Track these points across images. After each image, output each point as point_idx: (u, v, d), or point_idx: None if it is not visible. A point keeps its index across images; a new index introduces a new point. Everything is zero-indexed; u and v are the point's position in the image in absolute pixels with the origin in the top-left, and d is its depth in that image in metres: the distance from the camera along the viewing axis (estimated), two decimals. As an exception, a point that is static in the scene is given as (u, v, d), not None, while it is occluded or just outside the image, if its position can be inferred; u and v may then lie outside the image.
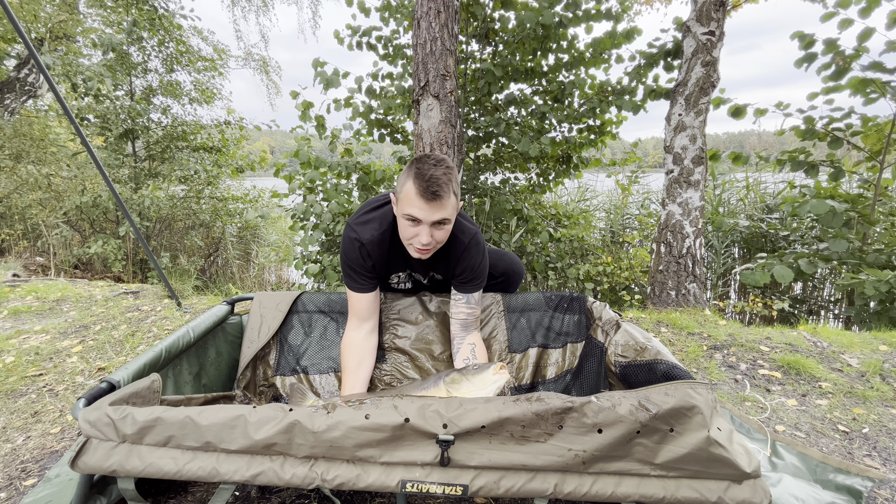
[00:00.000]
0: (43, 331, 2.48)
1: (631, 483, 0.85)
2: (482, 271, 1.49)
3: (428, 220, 1.26)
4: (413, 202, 1.25)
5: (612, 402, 0.84)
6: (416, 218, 1.26)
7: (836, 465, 1.32)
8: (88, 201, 5.24)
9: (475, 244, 1.46)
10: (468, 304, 1.51)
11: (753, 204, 5.53)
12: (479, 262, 1.47)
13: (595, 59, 3.74)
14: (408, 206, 1.26)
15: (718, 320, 2.71)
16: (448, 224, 1.31)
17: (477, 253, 1.46)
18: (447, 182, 1.24)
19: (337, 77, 3.54)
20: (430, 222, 1.27)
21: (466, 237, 1.45)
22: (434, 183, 1.21)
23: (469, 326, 1.52)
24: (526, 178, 4.64)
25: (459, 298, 1.51)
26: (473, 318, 1.53)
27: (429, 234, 1.28)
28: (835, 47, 3.11)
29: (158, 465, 0.87)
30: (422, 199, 1.23)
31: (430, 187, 1.21)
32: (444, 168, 1.25)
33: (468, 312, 1.51)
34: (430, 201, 1.23)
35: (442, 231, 1.31)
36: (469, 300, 1.51)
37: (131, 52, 5.43)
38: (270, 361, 1.63)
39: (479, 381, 1.18)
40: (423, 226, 1.27)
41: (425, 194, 1.22)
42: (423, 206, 1.24)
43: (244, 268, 6.80)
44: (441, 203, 1.24)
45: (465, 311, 1.51)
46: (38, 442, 1.48)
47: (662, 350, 1.17)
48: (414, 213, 1.26)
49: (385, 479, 0.85)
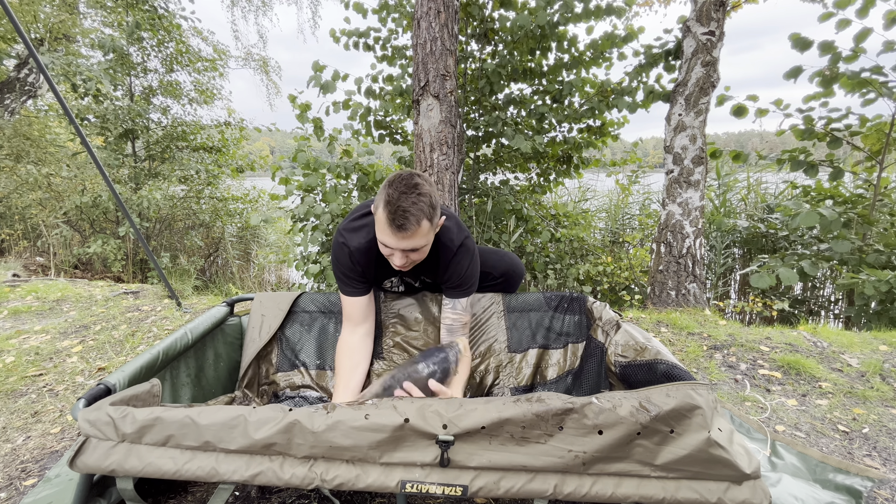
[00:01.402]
0: (43, 331, 2.49)
1: (631, 484, 0.85)
2: (469, 277, 1.47)
3: (397, 248, 1.22)
4: (383, 230, 1.21)
5: (612, 403, 0.84)
6: (386, 244, 1.24)
7: (836, 464, 1.32)
8: (88, 201, 5.24)
9: (464, 251, 1.43)
10: (454, 309, 1.50)
11: (754, 204, 5.53)
12: (467, 269, 1.44)
13: (595, 60, 3.73)
14: (379, 231, 1.23)
15: (718, 320, 2.71)
16: (423, 248, 1.27)
17: (464, 260, 1.43)
18: (417, 212, 1.17)
19: (334, 82, 3.54)
20: (400, 249, 1.23)
21: (455, 244, 1.42)
22: (401, 216, 1.16)
23: (455, 332, 1.51)
24: (526, 178, 4.64)
25: (447, 304, 1.51)
26: (460, 325, 1.51)
27: (402, 256, 1.25)
28: (832, 49, 3.11)
29: (157, 464, 0.87)
30: (390, 229, 1.18)
31: (395, 220, 1.16)
32: (415, 195, 1.17)
33: (454, 318, 1.50)
34: (396, 233, 1.18)
35: (417, 253, 1.27)
36: (455, 306, 1.49)
37: (131, 53, 5.43)
38: (272, 359, 1.63)
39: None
40: (395, 251, 1.24)
41: (392, 226, 1.17)
42: (391, 235, 1.19)
43: (244, 268, 6.80)
44: (409, 234, 1.19)
45: (451, 316, 1.50)
46: (38, 442, 1.48)
47: (662, 350, 1.17)
48: (384, 241, 1.23)
49: (384, 480, 0.85)
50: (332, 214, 3.41)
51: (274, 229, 7.31)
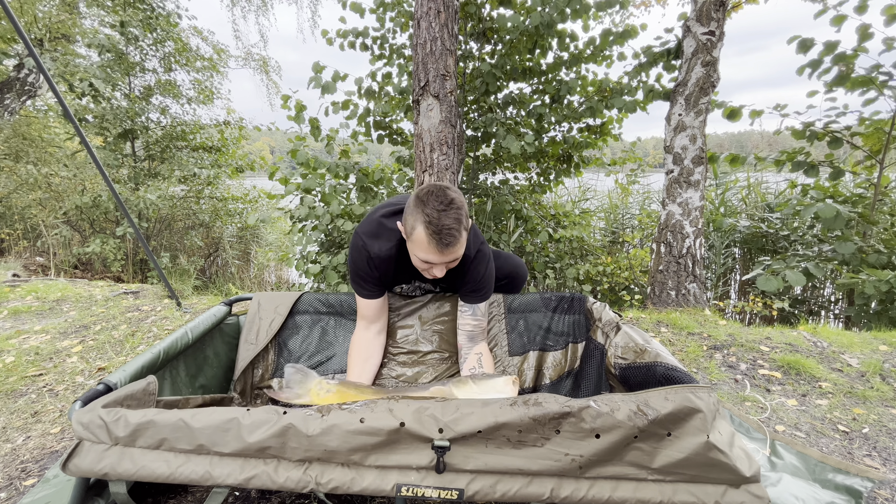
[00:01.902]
0: (43, 331, 2.49)
1: (628, 487, 0.84)
2: (487, 282, 1.48)
3: (442, 262, 1.24)
4: (425, 249, 1.21)
5: (610, 406, 0.84)
6: (429, 261, 1.24)
7: (836, 464, 1.31)
8: (88, 201, 5.25)
9: (481, 257, 1.44)
10: (474, 315, 1.50)
11: (754, 204, 5.52)
12: (484, 274, 1.46)
13: (594, 56, 3.72)
14: (419, 251, 1.23)
15: (718, 320, 2.71)
16: (459, 258, 1.29)
17: (481, 266, 1.44)
18: (458, 227, 1.19)
19: (334, 83, 3.53)
20: (444, 262, 1.25)
21: (472, 251, 1.43)
22: (447, 235, 1.17)
23: (476, 338, 1.52)
24: (526, 178, 4.63)
25: (466, 310, 1.51)
26: (480, 330, 1.52)
27: (443, 269, 1.27)
28: (835, 48, 3.10)
29: (151, 467, 0.86)
30: (435, 249, 1.19)
31: (442, 240, 1.17)
32: (454, 210, 1.18)
33: (474, 324, 1.51)
34: (443, 251, 1.19)
35: (456, 262, 1.30)
36: (475, 312, 1.50)
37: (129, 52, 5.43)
38: (269, 363, 1.62)
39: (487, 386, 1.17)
40: (436, 265, 1.25)
41: (439, 245, 1.18)
42: (437, 253, 1.20)
43: (244, 268, 6.80)
44: (454, 249, 1.20)
45: (471, 322, 1.51)
46: (37, 442, 1.48)
47: (662, 352, 1.16)
48: (427, 259, 1.23)
49: (380, 483, 0.84)
50: (332, 214, 3.41)
51: (273, 229, 7.31)
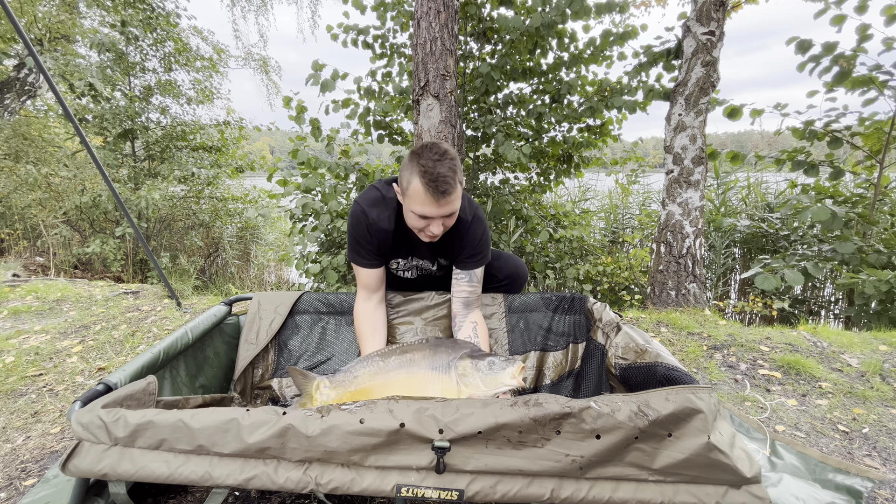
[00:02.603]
0: (43, 331, 2.49)
1: (628, 488, 0.84)
2: (484, 245, 1.49)
3: (438, 215, 1.26)
4: (422, 201, 1.23)
5: (611, 407, 0.84)
6: (425, 215, 1.26)
7: (836, 464, 1.31)
8: (88, 201, 5.25)
9: (478, 221, 1.47)
10: (470, 281, 1.51)
11: (754, 204, 5.52)
12: (481, 237, 1.48)
13: (594, 57, 3.72)
14: (416, 204, 1.25)
15: (718, 320, 2.71)
16: (456, 213, 1.32)
17: (478, 229, 1.47)
18: (453, 176, 1.22)
19: (333, 81, 3.53)
20: (441, 216, 1.27)
21: (469, 215, 1.46)
22: (443, 182, 1.20)
23: (471, 304, 1.52)
24: (526, 178, 4.63)
25: (462, 277, 1.51)
26: (475, 297, 1.52)
27: (440, 224, 1.29)
28: (834, 49, 3.10)
29: (150, 468, 0.86)
30: (431, 199, 1.21)
31: (438, 187, 1.20)
32: (449, 161, 1.22)
33: (470, 290, 1.51)
34: (440, 199, 1.22)
35: (451, 219, 1.32)
36: (471, 277, 1.50)
37: (129, 52, 5.43)
38: (269, 363, 1.62)
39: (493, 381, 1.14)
40: (433, 220, 1.27)
41: (434, 194, 1.20)
42: (432, 204, 1.23)
43: (244, 268, 6.80)
44: (450, 199, 1.23)
45: (466, 289, 1.51)
46: (37, 442, 1.48)
47: (663, 352, 1.16)
48: (424, 213, 1.25)
49: (380, 484, 0.84)
50: (332, 214, 3.41)
51: (273, 229, 7.31)
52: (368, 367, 1.29)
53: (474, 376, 1.16)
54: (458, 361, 1.20)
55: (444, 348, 1.26)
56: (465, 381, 1.17)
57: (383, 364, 1.27)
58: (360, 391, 1.28)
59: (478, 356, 1.20)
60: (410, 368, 1.25)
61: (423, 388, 1.21)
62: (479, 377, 1.16)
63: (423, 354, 1.26)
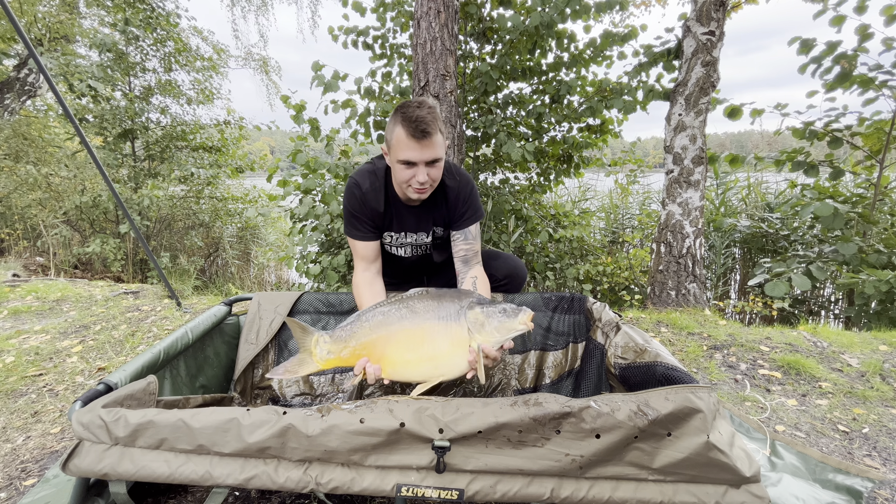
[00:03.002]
0: (43, 331, 2.49)
1: (628, 488, 0.84)
2: (473, 201, 1.56)
3: (422, 159, 1.31)
4: (405, 145, 1.30)
5: (611, 406, 0.84)
6: (410, 161, 1.31)
7: (836, 465, 1.31)
8: (88, 201, 5.25)
9: (465, 181, 1.55)
10: (466, 239, 1.56)
11: (754, 204, 5.52)
12: (469, 196, 1.55)
13: (595, 58, 3.72)
14: (400, 151, 1.32)
15: (718, 320, 2.71)
16: (440, 162, 1.37)
17: (465, 189, 1.54)
18: (433, 120, 1.28)
19: (335, 81, 3.53)
20: (424, 162, 1.32)
21: (456, 177, 1.53)
22: (422, 122, 1.26)
23: (470, 261, 1.56)
24: (526, 178, 4.63)
25: (458, 236, 1.56)
26: (473, 253, 1.57)
27: (425, 172, 1.34)
28: (835, 48, 3.10)
29: (151, 468, 0.86)
30: (413, 140, 1.28)
31: (419, 126, 1.26)
32: (428, 108, 1.29)
33: (467, 248, 1.56)
34: (420, 140, 1.28)
35: (436, 169, 1.37)
36: (466, 235, 1.56)
37: (129, 52, 5.43)
38: (269, 363, 1.62)
39: (505, 328, 1.13)
40: (418, 167, 1.33)
41: (416, 134, 1.27)
42: (414, 147, 1.29)
43: (244, 268, 6.80)
44: (431, 141, 1.29)
45: (463, 247, 1.56)
46: (37, 442, 1.48)
47: (662, 352, 1.16)
48: (408, 157, 1.31)
49: (380, 483, 0.84)
50: (332, 215, 3.41)
51: (273, 229, 7.31)
52: (368, 321, 1.24)
53: (486, 324, 1.15)
54: (469, 310, 1.18)
55: (449, 297, 1.22)
56: (477, 328, 1.15)
57: (384, 317, 1.23)
58: (362, 345, 1.23)
59: (487, 304, 1.19)
60: (414, 320, 1.21)
61: (431, 339, 1.18)
62: (491, 325, 1.14)
63: (427, 305, 1.22)
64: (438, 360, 1.17)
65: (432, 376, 1.18)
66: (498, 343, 1.15)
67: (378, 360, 1.20)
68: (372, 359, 1.20)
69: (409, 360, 1.18)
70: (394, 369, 1.20)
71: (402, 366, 1.19)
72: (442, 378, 1.19)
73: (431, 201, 1.53)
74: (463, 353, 1.15)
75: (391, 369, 1.20)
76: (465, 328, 1.16)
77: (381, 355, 1.20)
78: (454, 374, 1.18)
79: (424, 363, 1.18)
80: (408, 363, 1.19)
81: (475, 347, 1.14)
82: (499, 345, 1.16)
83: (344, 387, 1.62)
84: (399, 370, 1.20)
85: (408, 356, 1.18)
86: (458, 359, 1.16)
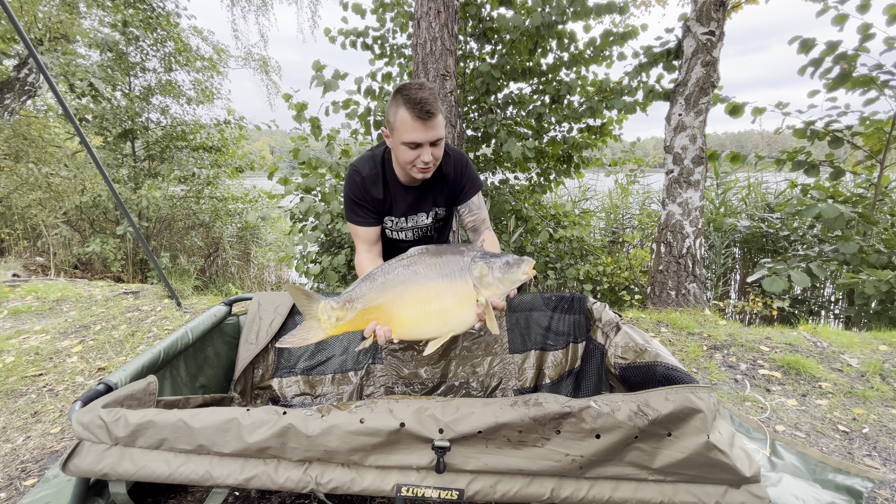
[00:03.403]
0: (43, 331, 2.49)
1: (628, 488, 0.84)
2: (471, 174, 1.63)
3: (427, 140, 1.35)
4: (410, 127, 1.34)
5: (611, 406, 0.84)
6: (416, 142, 1.35)
7: (836, 465, 1.31)
8: (88, 201, 5.25)
9: (461, 157, 1.61)
10: (470, 211, 1.61)
11: (754, 204, 5.52)
12: (466, 167, 1.61)
13: (595, 58, 3.72)
14: (405, 132, 1.35)
15: (718, 320, 2.71)
16: (442, 141, 1.42)
17: (461, 161, 1.61)
18: (435, 100, 1.33)
19: (335, 81, 3.53)
20: (429, 142, 1.36)
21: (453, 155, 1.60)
22: (426, 103, 1.31)
23: (479, 229, 1.62)
24: (526, 178, 4.63)
25: (463, 209, 1.62)
26: (480, 220, 1.62)
27: (429, 152, 1.38)
28: (836, 48, 3.10)
29: (151, 467, 0.86)
30: (418, 122, 1.32)
31: (423, 108, 1.31)
32: (429, 90, 1.34)
33: (472, 218, 1.62)
34: (425, 121, 1.32)
35: (438, 148, 1.41)
36: (470, 207, 1.61)
37: (129, 52, 5.43)
38: (269, 363, 1.62)
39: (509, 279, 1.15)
40: (423, 147, 1.37)
41: (421, 115, 1.31)
42: (420, 128, 1.33)
43: (244, 268, 6.80)
44: (434, 122, 1.34)
45: (470, 218, 1.62)
46: (37, 442, 1.48)
47: (662, 352, 1.16)
48: (414, 138, 1.34)
49: (380, 483, 0.84)
50: (332, 214, 3.41)
51: (273, 229, 7.30)
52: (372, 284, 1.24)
53: (491, 277, 1.16)
54: (473, 265, 1.19)
55: (451, 253, 1.24)
56: (482, 282, 1.17)
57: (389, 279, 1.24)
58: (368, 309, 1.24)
59: (490, 257, 1.21)
60: (418, 281, 1.21)
61: (437, 297, 1.19)
62: (495, 277, 1.16)
63: (429, 264, 1.23)
64: (446, 315, 1.19)
65: (442, 332, 1.20)
66: (503, 294, 1.18)
67: (386, 321, 1.21)
68: (380, 321, 1.21)
69: (416, 318, 1.19)
70: (403, 329, 1.21)
71: (411, 325, 1.20)
72: (452, 333, 1.21)
73: (431, 180, 1.57)
74: (470, 307, 1.17)
75: (400, 329, 1.21)
76: (471, 283, 1.18)
77: (390, 316, 1.21)
78: (463, 328, 1.21)
79: (433, 320, 1.19)
80: (416, 322, 1.20)
81: (483, 301, 1.16)
82: (504, 295, 1.19)
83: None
84: (408, 329, 1.21)
85: (415, 315, 1.19)
86: (465, 313, 1.18)
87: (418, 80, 1.39)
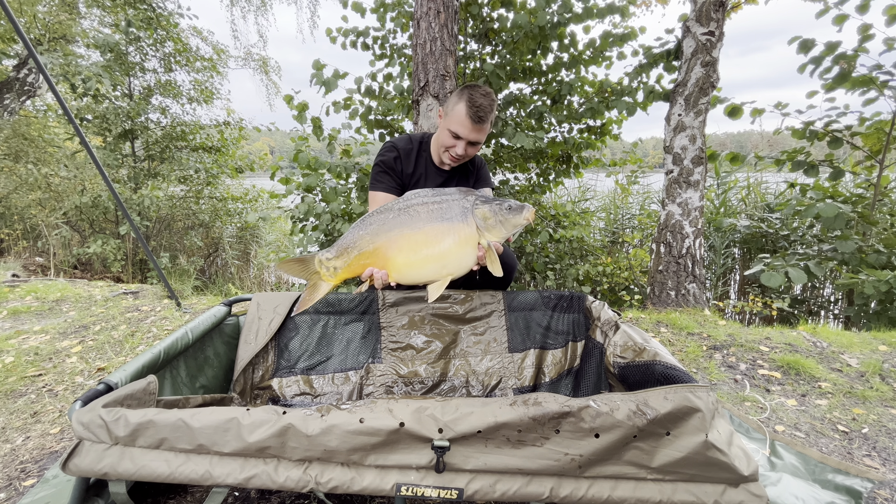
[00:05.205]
0: (42, 331, 2.49)
1: (627, 487, 0.85)
2: (487, 176, 1.86)
3: (468, 138, 1.52)
4: (460, 121, 1.49)
5: (610, 406, 0.84)
6: (458, 135, 1.51)
7: (836, 465, 1.31)
8: (88, 201, 5.25)
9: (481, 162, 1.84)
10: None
11: (754, 204, 5.52)
12: (483, 166, 1.84)
13: (595, 59, 3.72)
14: (454, 123, 1.51)
15: (718, 320, 2.71)
16: (479, 145, 1.57)
17: (484, 167, 1.85)
18: (491, 111, 1.50)
19: (335, 80, 3.53)
20: (468, 141, 1.53)
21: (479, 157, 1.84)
22: (482, 110, 1.47)
23: None
24: (526, 178, 4.63)
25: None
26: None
27: (464, 148, 1.54)
28: (835, 49, 3.10)
29: (151, 467, 0.86)
30: (469, 121, 1.48)
31: (478, 113, 1.47)
32: (491, 100, 1.50)
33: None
34: (475, 124, 1.49)
35: (473, 149, 1.57)
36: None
37: (129, 52, 5.43)
38: (268, 363, 1.62)
39: (511, 223, 1.18)
40: (462, 141, 1.53)
41: (473, 117, 1.47)
42: (468, 127, 1.50)
43: (243, 268, 6.80)
44: (482, 127, 1.51)
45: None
46: (37, 442, 1.48)
47: (661, 351, 1.17)
48: (459, 132, 1.51)
49: (380, 483, 0.85)
50: (332, 214, 3.41)
51: (273, 229, 7.31)
52: (367, 230, 1.23)
53: (494, 220, 1.18)
54: (476, 209, 1.20)
55: (451, 197, 1.23)
56: (486, 225, 1.18)
57: (383, 224, 1.22)
58: (364, 254, 1.22)
59: (492, 201, 1.22)
60: (417, 224, 1.20)
61: (436, 240, 1.19)
62: (498, 220, 1.18)
63: (429, 208, 1.21)
64: (445, 258, 1.20)
65: (440, 275, 1.21)
66: (505, 237, 1.20)
67: (383, 265, 1.22)
68: (377, 265, 1.22)
69: (414, 261, 1.20)
70: (400, 272, 1.22)
71: (408, 268, 1.21)
72: (451, 276, 1.23)
73: (462, 172, 1.75)
74: (471, 250, 1.19)
75: (397, 273, 1.22)
76: (474, 226, 1.19)
77: (386, 260, 1.22)
78: (462, 271, 1.23)
79: (431, 263, 1.20)
80: (413, 264, 1.21)
81: (485, 244, 1.17)
82: (505, 238, 1.21)
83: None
84: (405, 272, 1.22)
85: (413, 258, 1.20)
86: (465, 255, 1.20)
87: (486, 87, 1.54)
